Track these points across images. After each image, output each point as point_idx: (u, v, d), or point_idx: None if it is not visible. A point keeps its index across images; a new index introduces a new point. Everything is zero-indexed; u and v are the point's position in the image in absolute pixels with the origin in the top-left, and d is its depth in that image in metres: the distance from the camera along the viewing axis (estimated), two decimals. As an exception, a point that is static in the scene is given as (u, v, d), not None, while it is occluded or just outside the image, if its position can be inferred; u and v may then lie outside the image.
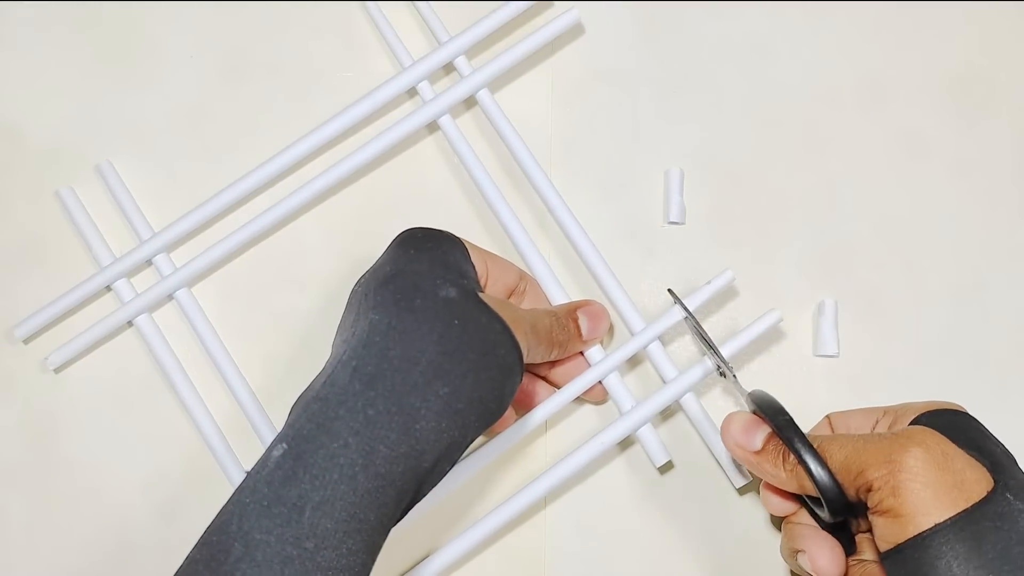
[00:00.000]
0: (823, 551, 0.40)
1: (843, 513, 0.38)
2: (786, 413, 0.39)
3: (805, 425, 0.41)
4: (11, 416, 0.54)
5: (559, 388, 0.50)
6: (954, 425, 0.39)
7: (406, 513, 0.39)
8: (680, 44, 0.56)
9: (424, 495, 0.39)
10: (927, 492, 0.35)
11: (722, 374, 0.47)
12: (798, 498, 0.43)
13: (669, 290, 0.50)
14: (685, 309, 0.48)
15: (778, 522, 0.49)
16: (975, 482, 0.36)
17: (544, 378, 0.50)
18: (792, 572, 0.47)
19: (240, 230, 0.53)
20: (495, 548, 0.51)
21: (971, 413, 0.41)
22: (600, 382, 0.50)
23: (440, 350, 0.39)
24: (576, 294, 0.52)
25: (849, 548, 0.42)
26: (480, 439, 0.49)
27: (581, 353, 0.50)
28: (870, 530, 0.39)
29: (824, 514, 0.39)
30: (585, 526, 0.51)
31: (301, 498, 0.35)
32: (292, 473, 0.36)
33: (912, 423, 0.40)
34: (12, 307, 0.55)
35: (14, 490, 0.53)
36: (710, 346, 0.47)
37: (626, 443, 0.51)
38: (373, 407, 0.37)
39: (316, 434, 0.37)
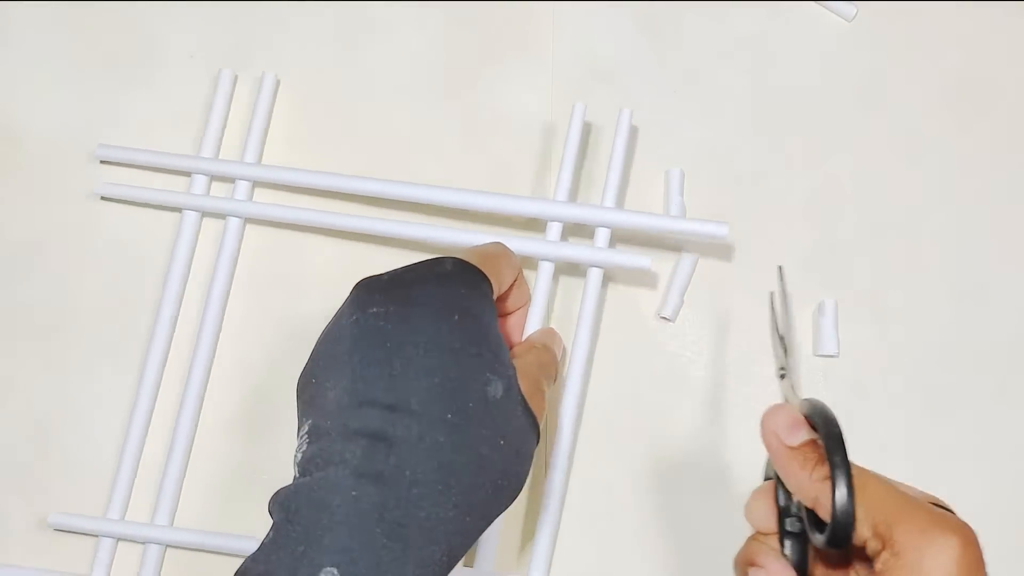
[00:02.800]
0: (779, 573, 0.40)
1: (840, 545, 0.36)
2: (839, 427, 0.38)
3: None
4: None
5: None
6: None
7: None
8: (680, 44, 0.56)
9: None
10: None
11: (781, 376, 0.46)
12: (779, 522, 0.43)
13: (779, 267, 0.47)
14: (782, 292, 0.46)
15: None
16: None
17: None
18: None
19: (321, 214, 0.54)
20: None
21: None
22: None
23: (482, 479, 0.39)
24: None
25: None
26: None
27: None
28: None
29: (819, 538, 0.38)
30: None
31: None
32: None
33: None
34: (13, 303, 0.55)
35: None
36: (782, 341, 0.45)
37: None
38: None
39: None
